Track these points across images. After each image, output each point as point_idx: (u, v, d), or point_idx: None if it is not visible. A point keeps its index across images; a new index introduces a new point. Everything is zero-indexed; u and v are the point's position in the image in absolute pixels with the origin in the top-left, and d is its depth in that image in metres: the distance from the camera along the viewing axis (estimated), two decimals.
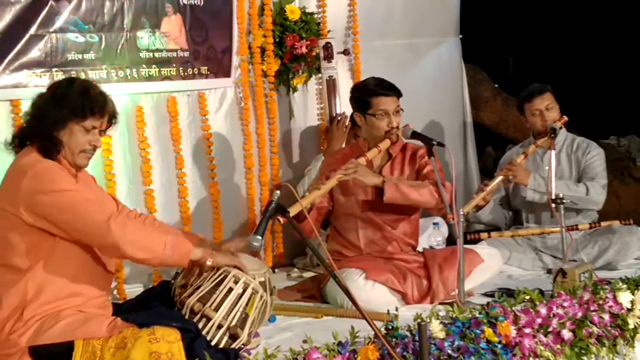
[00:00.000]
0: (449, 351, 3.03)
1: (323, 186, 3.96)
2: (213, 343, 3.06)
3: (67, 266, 3.02)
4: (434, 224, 4.85)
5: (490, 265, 4.28)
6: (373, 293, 3.98)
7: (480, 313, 3.26)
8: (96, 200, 3.02)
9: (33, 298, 2.96)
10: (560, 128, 4.95)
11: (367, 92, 4.26)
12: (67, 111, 3.05)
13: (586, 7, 8.54)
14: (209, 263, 3.16)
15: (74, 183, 3.02)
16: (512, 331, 3.23)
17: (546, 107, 4.99)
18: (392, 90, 4.25)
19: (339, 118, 5.36)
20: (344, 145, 5.28)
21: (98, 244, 3.01)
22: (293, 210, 3.56)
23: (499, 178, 4.74)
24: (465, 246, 3.99)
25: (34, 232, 2.97)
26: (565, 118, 4.98)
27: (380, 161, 4.34)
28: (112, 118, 3.18)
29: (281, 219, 3.36)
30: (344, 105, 5.39)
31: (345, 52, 5.63)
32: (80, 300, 3.04)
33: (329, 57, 5.39)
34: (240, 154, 5.17)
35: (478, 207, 4.74)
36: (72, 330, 2.91)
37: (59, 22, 4.20)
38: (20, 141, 3.11)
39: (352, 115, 5.01)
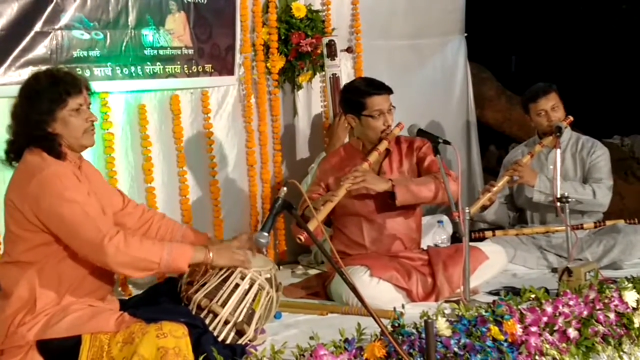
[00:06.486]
0: (455, 349, 3.02)
1: (334, 198, 3.98)
2: (220, 339, 3.07)
3: (72, 262, 3.03)
4: (439, 222, 4.85)
5: (495, 262, 4.27)
6: (378, 290, 3.97)
7: (486, 311, 3.25)
8: (95, 216, 2.98)
9: (42, 292, 2.97)
10: (565, 127, 4.94)
11: (360, 93, 4.22)
12: (46, 104, 3.03)
13: (589, 6, 8.53)
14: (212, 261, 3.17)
15: (78, 191, 2.99)
16: (518, 329, 3.22)
17: (551, 107, 4.97)
18: (384, 88, 4.23)
19: (341, 115, 5.35)
20: (346, 141, 5.27)
21: (92, 261, 3.02)
22: (311, 226, 3.57)
23: (505, 178, 4.73)
24: (470, 244, 3.98)
25: (39, 230, 2.98)
26: (571, 118, 4.96)
27: (378, 158, 4.32)
28: (89, 90, 3.17)
29: (302, 237, 3.59)
30: None
31: (349, 49, 5.62)
32: (88, 295, 3.05)
33: (332, 54, 5.39)
34: (242, 151, 5.16)
35: (484, 207, 4.72)
36: (79, 324, 2.91)
37: (64, 19, 4.20)
38: (16, 154, 3.07)
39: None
